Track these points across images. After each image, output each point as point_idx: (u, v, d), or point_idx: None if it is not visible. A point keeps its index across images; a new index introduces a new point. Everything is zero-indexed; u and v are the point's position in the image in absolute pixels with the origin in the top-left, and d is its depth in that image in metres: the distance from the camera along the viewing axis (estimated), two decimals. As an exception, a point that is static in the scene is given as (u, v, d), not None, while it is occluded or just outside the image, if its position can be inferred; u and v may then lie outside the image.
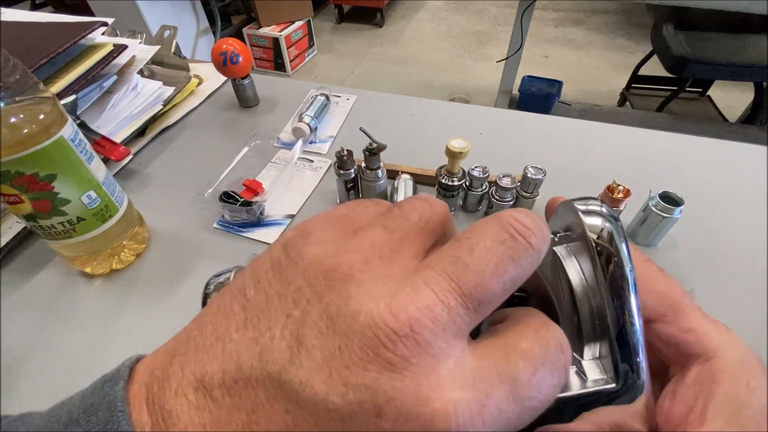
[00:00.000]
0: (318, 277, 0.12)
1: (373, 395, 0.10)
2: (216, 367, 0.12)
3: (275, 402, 0.11)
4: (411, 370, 0.11)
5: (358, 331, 0.11)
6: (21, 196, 0.32)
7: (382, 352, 0.11)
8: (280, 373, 0.11)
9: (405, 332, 0.11)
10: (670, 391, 0.16)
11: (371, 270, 0.12)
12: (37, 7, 2.32)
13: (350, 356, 0.11)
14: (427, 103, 0.64)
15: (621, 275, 0.16)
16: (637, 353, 0.16)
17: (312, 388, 0.11)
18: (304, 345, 0.11)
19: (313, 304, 0.12)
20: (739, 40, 1.51)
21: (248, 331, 0.12)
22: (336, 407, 0.10)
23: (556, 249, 0.19)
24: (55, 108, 0.32)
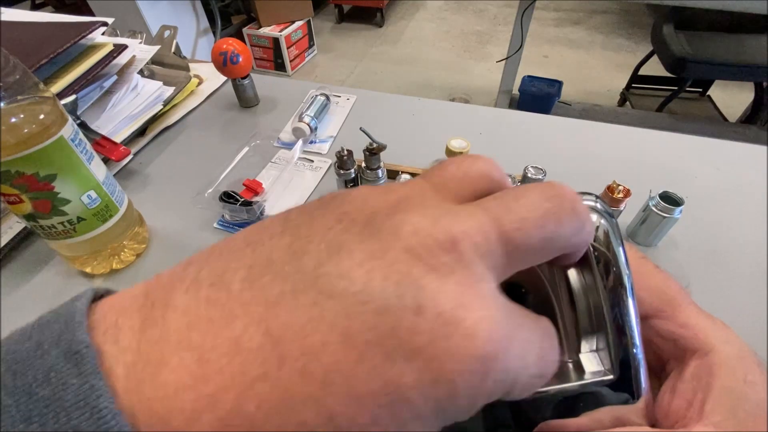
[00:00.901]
0: (364, 206, 0.12)
1: (416, 290, 0.10)
2: (242, 264, 0.11)
3: (302, 294, 0.10)
4: (454, 277, 0.10)
5: (403, 238, 0.11)
6: (21, 196, 0.32)
7: (426, 257, 0.10)
8: (315, 267, 0.10)
9: (448, 246, 0.11)
10: (669, 387, 0.16)
11: (413, 203, 0.12)
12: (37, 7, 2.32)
13: (394, 257, 0.10)
14: (427, 103, 0.64)
15: (616, 270, 0.16)
16: (634, 342, 0.16)
17: (349, 279, 0.10)
18: (345, 248, 0.11)
19: (357, 222, 0.11)
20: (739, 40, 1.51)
21: (285, 238, 0.11)
22: (372, 298, 0.10)
23: None
24: (56, 108, 0.32)
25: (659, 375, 0.18)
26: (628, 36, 2.61)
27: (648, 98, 1.95)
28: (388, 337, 0.10)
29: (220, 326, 0.10)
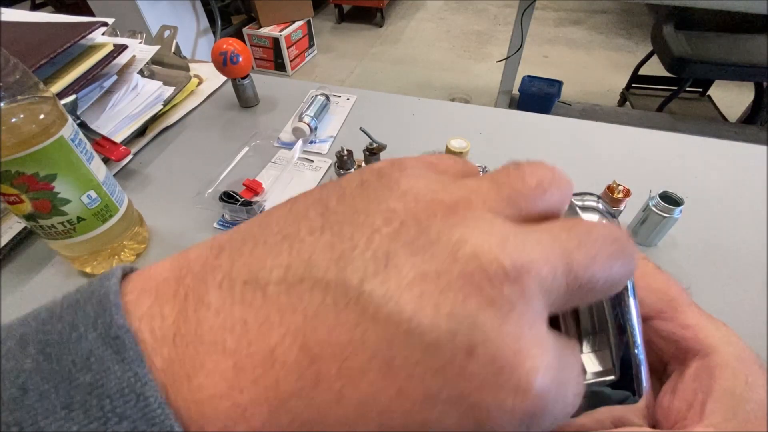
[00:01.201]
0: (417, 205, 0.11)
1: (470, 329, 0.09)
2: (279, 262, 0.10)
3: (345, 311, 0.09)
4: (514, 316, 0.09)
5: (462, 259, 0.09)
6: (21, 196, 0.32)
7: (486, 287, 0.09)
8: (361, 281, 0.09)
9: (514, 275, 0.09)
10: (670, 388, 0.16)
11: (476, 211, 0.11)
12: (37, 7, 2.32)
13: (448, 282, 0.09)
14: (427, 103, 0.64)
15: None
16: (635, 342, 0.16)
17: (397, 304, 0.09)
18: (394, 261, 0.10)
19: (408, 226, 0.10)
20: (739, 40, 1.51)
21: (325, 235, 0.10)
22: (421, 331, 0.09)
23: None
24: (56, 108, 0.32)
25: (660, 376, 0.18)
26: (628, 36, 2.61)
27: (648, 98, 1.95)
28: (432, 376, 0.09)
29: (255, 332, 0.09)
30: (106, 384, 0.09)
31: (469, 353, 0.09)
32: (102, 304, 0.10)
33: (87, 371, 0.09)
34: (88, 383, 0.09)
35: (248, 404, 0.09)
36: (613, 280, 0.11)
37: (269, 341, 0.09)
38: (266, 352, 0.09)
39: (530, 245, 0.10)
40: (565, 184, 0.13)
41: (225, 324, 0.10)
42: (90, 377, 0.09)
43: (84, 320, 0.10)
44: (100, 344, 0.09)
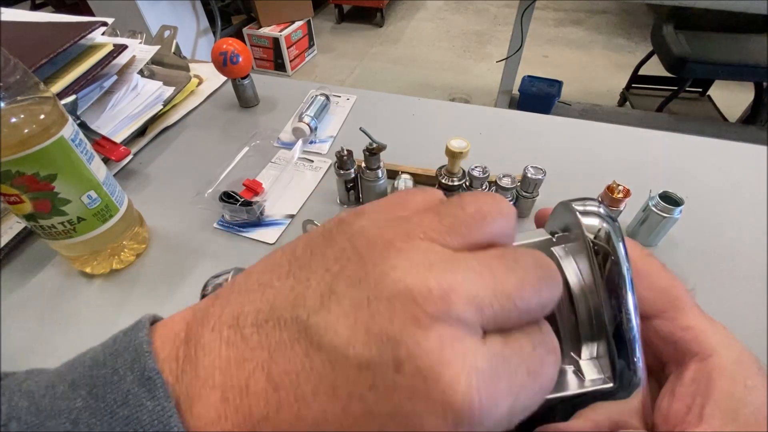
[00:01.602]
0: (362, 242, 0.12)
1: (394, 348, 0.10)
2: (252, 308, 0.12)
3: (297, 344, 0.11)
4: (437, 331, 0.10)
5: (390, 285, 0.11)
6: (21, 196, 0.32)
7: (411, 307, 0.10)
8: (308, 316, 0.11)
9: (439, 294, 0.11)
10: (669, 391, 0.16)
11: (413, 244, 0.12)
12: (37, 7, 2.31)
13: (377, 307, 0.11)
14: (427, 103, 0.64)
15: (618, 273, 0.16)
16: (633, 350, 0.16)
17: (335, 333, 0.11)
18: (335, 294, 0.11)
19: (352, 261, 0.12)
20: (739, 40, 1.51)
21: (288, 280, 0.12)
22: (355, 355, 0.10)
23: (553, 249, 0.19)
24: (56, 108, 0.32)
25: (658, 377, 0.17)
26: (628, 36, 2.61)
27: (648, 98, 1.95)
28: (368, 392, 0.10)
29: (234, 368, 0.11)
30: (140, 417, 0.11)
31: (397, 368, 0.10)
32: (137, 352, 0.12)
33: (125, 407, 0.11)
34: (126, 416, 0.11)
35: (231, 429, 0.11)
36: (543, 302, 0.13)
37: (244, 375, 0.11)
38: (242, 384, 0.11)
39: (460, 269, 0.11)
40: (507, 211, 0.14)
41: (214, 362, 0.12)
42: (127, 411, 0.11)
43: (123, 365, 0.12)
44: (136, 385, 0.11)
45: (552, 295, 0.13)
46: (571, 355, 0.19)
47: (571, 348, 0.19)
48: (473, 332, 0.11)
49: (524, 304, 0.12)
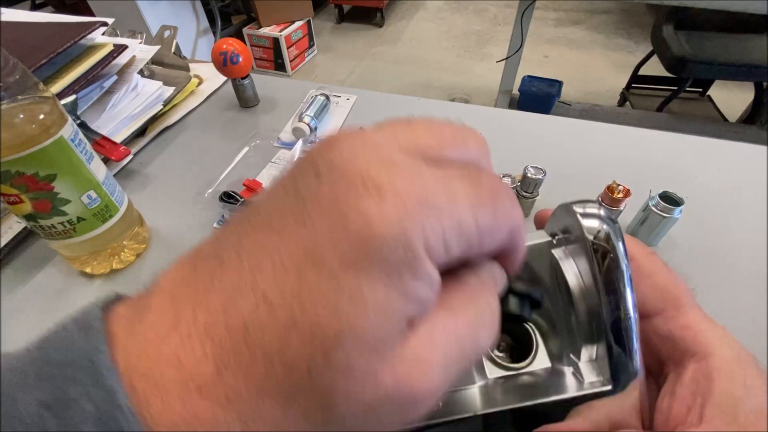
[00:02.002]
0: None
1: (313, 165, 0.11)
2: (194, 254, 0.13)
3: (238, 224, 0.12)
4: (347, 142, 0.11)
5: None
6: (21, 196, 0.32)
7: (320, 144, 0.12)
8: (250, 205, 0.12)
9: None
10: (668, 391, 0.16)
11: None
12: (37, 7, 2.32)
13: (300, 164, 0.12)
14: (427, 103, 0.64)
15: (617, 272, 0.16)
16: (632, 350, 0.16)
17: (270, 195, 0.12)
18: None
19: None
20: (739, 40, 1.51)
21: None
22: (285, 189, 0.11)
23: (554, 251, 0.19)
24: (55, 108, 0.32)
25: (657, 377, 0.18)
26: (628, 36, 2.61)
27: (648, 98, 1.95)
28: (297, 208, 0.11)
29: (188, 267, 0.12)
30: (69, 355, 0.11)
31: (316, 176, 0.11)
32: (86, 313, 0.12)
33: (60, 351, 0.11)
34: (58, 360, 0.11)
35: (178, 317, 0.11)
36: (510, 220, 0.13)
37: (193, 264, 0.12)
38: (189, 275, 0.12)
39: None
40: (479, 147, 0.15)
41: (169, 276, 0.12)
42: (61, 354, 0.11)
43: (71, 321, 0.12)
44: (77, 330, 0.12)
45: (514, 216, 0.13)
46: (570, 356, 0.19)
47: (570, 349, 0.19)
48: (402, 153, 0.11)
49: (457, 145, 0.12)
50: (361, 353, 0.10)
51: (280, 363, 0.10)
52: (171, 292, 0.12)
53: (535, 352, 0.21)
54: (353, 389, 0.10)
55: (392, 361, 0.11)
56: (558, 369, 0.19)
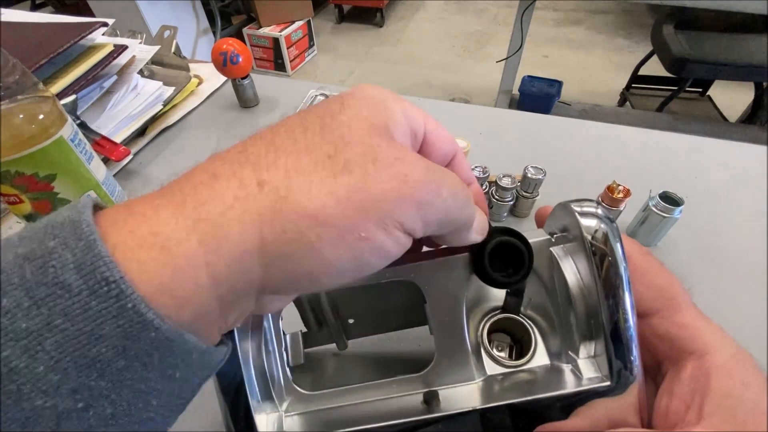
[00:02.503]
0: None
1: (338, 106, 0.15)
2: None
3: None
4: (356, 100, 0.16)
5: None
6: (21, 196, 0.32)
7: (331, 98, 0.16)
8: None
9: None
10: (666, 389, 0.16)
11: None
12: (37, 7, 2.32)
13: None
14: (427, 103, 0.64)
15: (615, 273, 0.16)
16: (630, 349, 0.16)
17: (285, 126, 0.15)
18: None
19: None
20: (739, 40, 1.51)
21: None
22: (304, 128, 0.15)
23: (552, 250, 0.19)
24: (55, 108, 0.32)
25: (654, 375, 0.18)
26: (628, 36, 2.61)
27: (648, 98, 1.95)
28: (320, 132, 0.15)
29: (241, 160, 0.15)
30: (53, 219, 0.12)
31: (340, 109, 0.15)
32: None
33: (45, 218, 0.12)
34: (42, 223, 0.12)
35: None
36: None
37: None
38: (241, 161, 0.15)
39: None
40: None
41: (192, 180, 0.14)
42: (45, 220, 0.12)
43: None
44: (65, 208, 0.13)
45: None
46: (569, 353, 0.19)
47: (569, 347, 0.19)
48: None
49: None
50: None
51: (270, 231, 0.13)
52: (152, 196, 0.13)
53: (534, 349, 0.21)
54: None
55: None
56: (557, 366, 0.19)
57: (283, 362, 0.23)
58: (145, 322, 0.11)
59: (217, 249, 0.12)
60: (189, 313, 0.12)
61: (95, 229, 0.11)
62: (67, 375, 0.10)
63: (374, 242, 0.14)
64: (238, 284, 0.13)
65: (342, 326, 0.28)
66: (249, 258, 0.13)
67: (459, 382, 0.21)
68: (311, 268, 0.13)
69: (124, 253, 0.11)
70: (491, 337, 0.22)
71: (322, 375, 0.30)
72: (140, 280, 0.11)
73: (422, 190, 0.14)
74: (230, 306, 0.14)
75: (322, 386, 0.23)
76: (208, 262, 0.12)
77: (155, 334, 0.11)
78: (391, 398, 0.21)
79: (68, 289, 0.10)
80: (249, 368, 0.20)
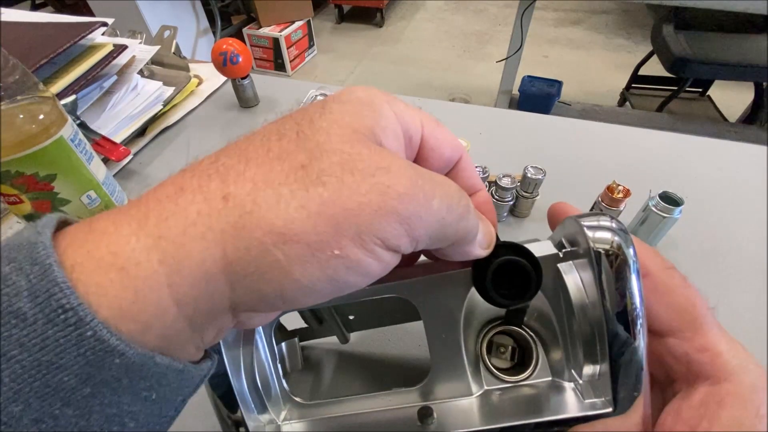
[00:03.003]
0: None
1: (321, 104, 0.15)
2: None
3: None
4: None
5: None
6: (21, 196, 0.32)
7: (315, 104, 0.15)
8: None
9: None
10: (674, 409, 0.16)
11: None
12: (37, 7, 2.31)
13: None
14: (427, 103, 0.64)
15: (624, 262, 0.16)
16: (638, 379, 0.16)
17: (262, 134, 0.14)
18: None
19: None
20: (739, 40, 1.51)
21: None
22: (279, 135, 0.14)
23: (559, 266, 0.18)
24: (55, 108, 0.32)
25: (664, 389, 0.17)
26: (628, 36, 2.61)
27: (648, 98, 1.95)
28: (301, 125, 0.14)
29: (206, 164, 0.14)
30: (13, 241, 0.11)
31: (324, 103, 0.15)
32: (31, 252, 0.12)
33: (6, 241, 0.12)
34: (1, 246, 0.11)
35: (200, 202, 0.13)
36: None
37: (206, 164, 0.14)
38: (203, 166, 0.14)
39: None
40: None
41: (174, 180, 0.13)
42: (5, 243, 0.11)
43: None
44: (28, 227, 0.12)
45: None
46: (572, 372, 0.18)
47: (572, 365, 0.18)
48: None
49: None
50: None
51: (233, 248, 0.12)
52: (117, 211, 0.13)
53: (536, 364, 0.20)
54: None
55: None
56: (558, 384, 0.19)
57: (278, 373, 0.23)
58: (108, 349, 0.10)
59: (179, 269, 0.12)
60: (155, 336, 0.12)
61: (52, 251, 0.11)
62: (29, 405, 0.10)
63: (350, 260, 0.13)
64: (204, 305, 0.12)
65: (343, 322, 0.28)
66: (214, 278, 0.12)
67: (456, 396, 0.20)
68: (281, 287, 0.12)
69: (82, 276, 0.11)
70: (492, 339, 0.22)
71: (320, 380, 0.29)
72: (100, 305, 0.11)
73: (407, 203, 0.13)
74: (203, 325, 0.13)
75: (319, 391, 0.23)
76: (170, 284, 0.11)
77: (120, 360, 0.11)
78: (387, 410, 0.21)
79: (23, 318, 0.10)
80: (240, 381, 0.20)
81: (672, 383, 0.17)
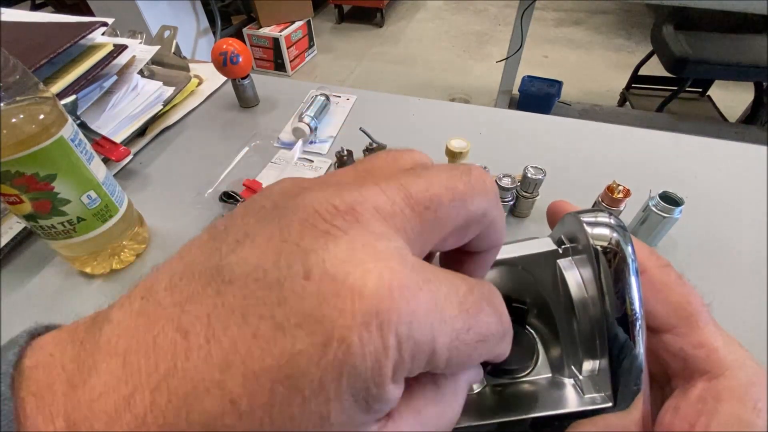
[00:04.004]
0: (277, 193, 0.12)
1: (303, 257, 0.10)
2: (166, 274, 0.11)
3: (209, 287, 0.10)
4: (347, 237, 0.10)
5: (300, 209, 0.11)
6: (21, 196, 0.32)
7: (320, 223, 0.10)
8: (220, 259, 0.11)
9: (343, 210, 0.11)
10: (672, 406, 0.16)
11: (325, 184, 0.12)
12: (37, 7, 2.32)
13: (289, 232, 0.10)
14: (427, 103, 0.64)
15: (623, 260, 0.16)
16: (637, 374, 0.16)
17: (245, 263, 0.10)
18: (250, 235, 0.11)
19: (266, 209, 0.12)
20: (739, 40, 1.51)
21: (207, 244, 0.12)
22: (265, 274, 0.10)
23: (559, 262, 0.19)
24: (55, 108, 0.32)
25: (663, 386, 0.17)
26: (628, 36, 2.61)
27: (648, 98, 1.95)
28: (278, 306, 0.10)
29: (143, 331, 0.10)
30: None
31: (306, 277, 0.10)
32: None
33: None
34: None
35: (132, 392, 0.10)
36: (462, 196, 0.12)
37: (152, 334, 0.10)
38: (149, 343, 0.10)
39: (366, 188, 0.11)
40: (416, 153, 0.14)
41: (121, 333, 0.11)
42: None
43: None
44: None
45: (472, 194, 0.12)
46: (572, 368, 0.18)
47: (572, 361, 0.19)
48: (390, 237, 0.11)
49: (436, 202, 0.11)
50: None
51: None
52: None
53: (536, 361, 0.20)
54: None
55: None
56: (558, 380, 0.19)
57: None
58: None
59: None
60: None
61: (8, 380, 0.10)
62: None
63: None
64: None
65: None
66: None
67: None
68: None
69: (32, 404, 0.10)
70: None
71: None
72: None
73: None
74: None
75: None
76: None
77: None
78: None
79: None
80: None
81: (669, 380, 0.17)
